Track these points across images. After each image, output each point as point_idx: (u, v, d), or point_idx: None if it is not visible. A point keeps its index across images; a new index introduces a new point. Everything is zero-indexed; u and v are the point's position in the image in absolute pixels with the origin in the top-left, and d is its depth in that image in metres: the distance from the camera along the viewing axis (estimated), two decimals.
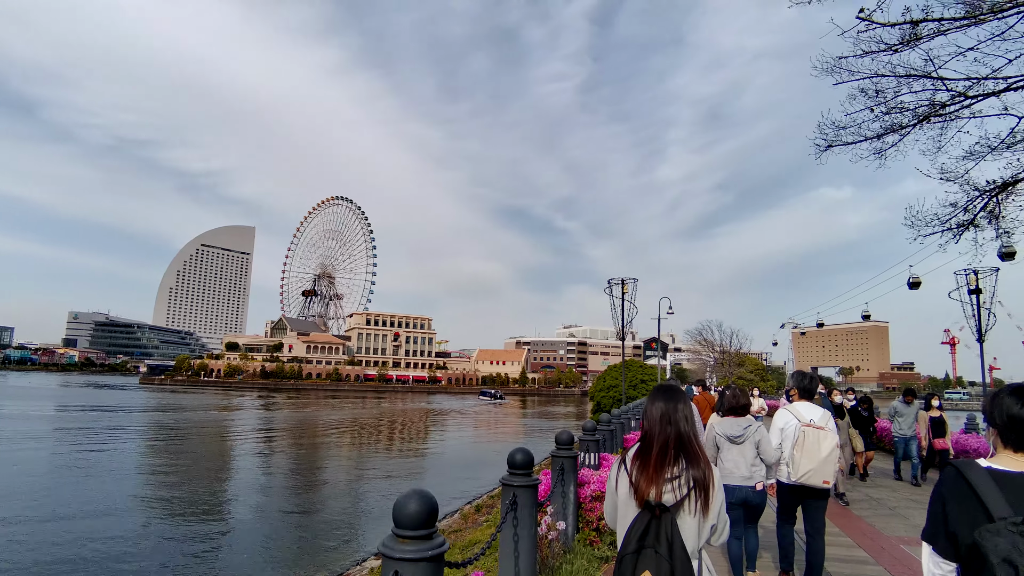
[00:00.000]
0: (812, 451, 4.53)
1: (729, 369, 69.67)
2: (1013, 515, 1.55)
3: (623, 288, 20.43)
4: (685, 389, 20.38)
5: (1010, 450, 1.80)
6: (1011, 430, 1.79)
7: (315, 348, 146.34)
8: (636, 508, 2.18)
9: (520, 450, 3.81)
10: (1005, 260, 16.06)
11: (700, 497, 2.15)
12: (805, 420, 4.69)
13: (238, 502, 17.31)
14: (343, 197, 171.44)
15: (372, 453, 30.02)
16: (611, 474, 2.37)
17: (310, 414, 56.51)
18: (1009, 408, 1.80)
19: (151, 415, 48.78)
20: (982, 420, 9.89)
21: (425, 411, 67.47)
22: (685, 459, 2.21)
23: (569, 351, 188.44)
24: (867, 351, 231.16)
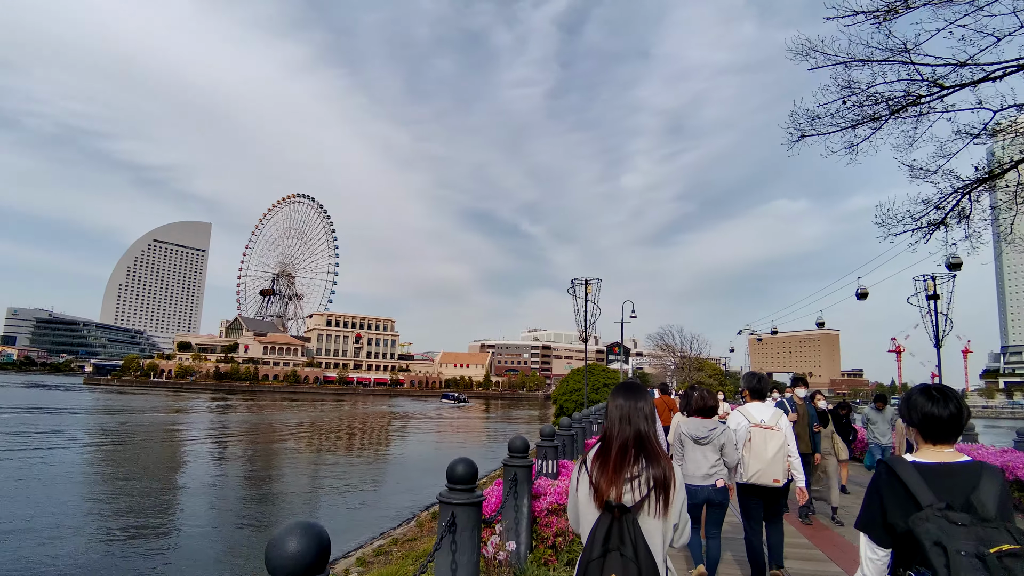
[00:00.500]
0: (760, 451, 4.59)
1: (689, 374, 70.66)
2: (937, 502, 1.76)
3: (586, 289, 19.90)
4: None
5: (929, 444, 2.02)
6: (926, 426, 2.01)
7: (272, 349, 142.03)
8: (596, 510, 2.12)
9: (461, 461, 3.21)
10: (952, 270, 16.39)
11: (661, 497, 2.10)
12: (755, 420, 4.74)
13: (187, 513, 15.95)
14: (304, 195, 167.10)
15: (330, 458, 28.82)
16: (572, 475, 2.31)
17: (266, 417, 54.46)
18: (922, 407, 2.02)
19: (93, 417, 45.97)
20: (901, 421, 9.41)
21: (386, 414, 65.98)
22: (645, 458, 2.16)
23: (533, 354, 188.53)
24: (819, 358, 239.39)
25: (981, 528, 1.68)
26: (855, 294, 34.13)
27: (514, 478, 4.72)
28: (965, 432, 11.72)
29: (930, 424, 2.00)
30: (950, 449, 1.99)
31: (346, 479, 22.07)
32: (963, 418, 2.00)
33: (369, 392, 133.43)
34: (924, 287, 15.74)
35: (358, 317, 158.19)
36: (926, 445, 2.03)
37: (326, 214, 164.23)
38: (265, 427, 43.37)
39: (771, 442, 4.59)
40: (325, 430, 44.02)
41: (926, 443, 2.03)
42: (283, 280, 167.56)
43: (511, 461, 4.78)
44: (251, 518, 15.86)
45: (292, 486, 21.25)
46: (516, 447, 4.77)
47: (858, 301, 34.24)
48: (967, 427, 12.01)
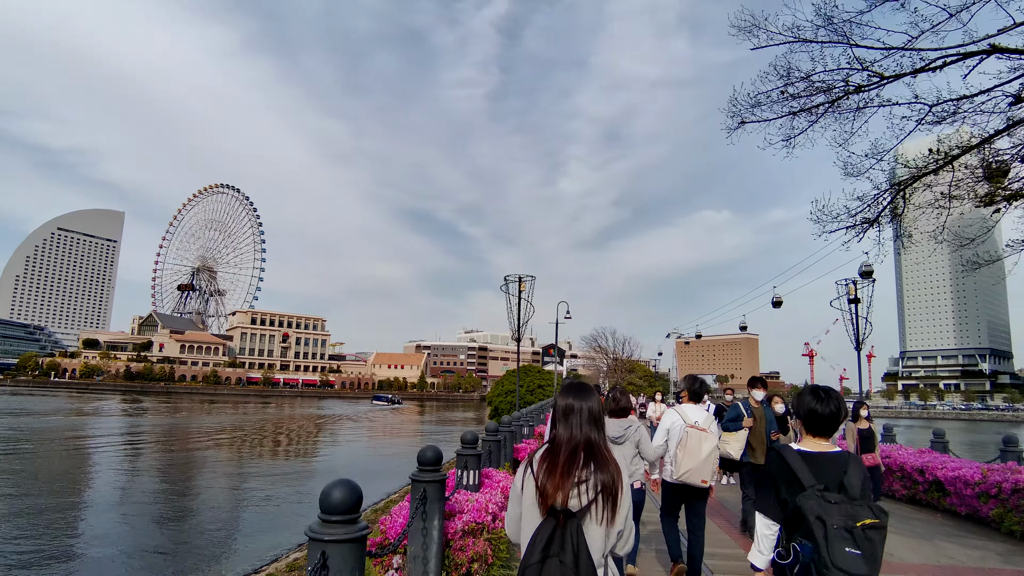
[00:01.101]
0: (694, 451, 4.68)
1: (621, 375, 72.15)
2: (817, 484, 2.20)
3: (520, 286, 19.24)
4: None
5: (811, 436, 2.44)
6: (810, 421, 2.44)
7: (191, 348, 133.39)
8: (541, 515, 2.02)
9: (340, 484, 2.45)
10: (864, 278, 17.08)
11: (608, 503, 2.02)
12: (690, 421, 4.84)
13: (89, 536, 14.04)
14: (228, 185, 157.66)
15: (248, 465, 26.86)
16: (516, 478, 2.18)
17: (180, 421, 50.69)
18: (809, 404, 2.44)
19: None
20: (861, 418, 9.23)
21: (314, 417, 63.12)
22: (594, 462, 2.08)
23: (470, 356, 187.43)
24: (740, 360, 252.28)
25: (850, 506, 2.10)
26: (771, 302, 35.79)
27: (423, 496, 3.98)
28: (885, 433, 11.91)
29: (813, 419, 2.44)
30: (827, 441, 2.43)
31: (265, 491, 20.49)
32: (840, 416, 2.43)
33: (297, 394, 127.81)
34: (845, 291, 16.28)
35: (286, 315, 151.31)
36: (808, 436, 2.47)
37: (252, 206, 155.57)
38: (179, 432, 40.20)
39: (705, 443, 4.71)
40: (243, 435, 41.30)
41: (808, 435, 2.47)
42: (204, 275, 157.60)
43: (420, 476, 4.04)
44: (161, 538, 14.17)
45: (204, 494, 19.51)
46: (426, 459, 4.03)
47: (774, 308, 35.92)
48: (888, 429, 12.30)
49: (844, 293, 16.35)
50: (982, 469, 8.25)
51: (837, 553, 2.01)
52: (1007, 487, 7.59)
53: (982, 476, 8.08)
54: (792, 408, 2.83)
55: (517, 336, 19.22)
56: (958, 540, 7.31)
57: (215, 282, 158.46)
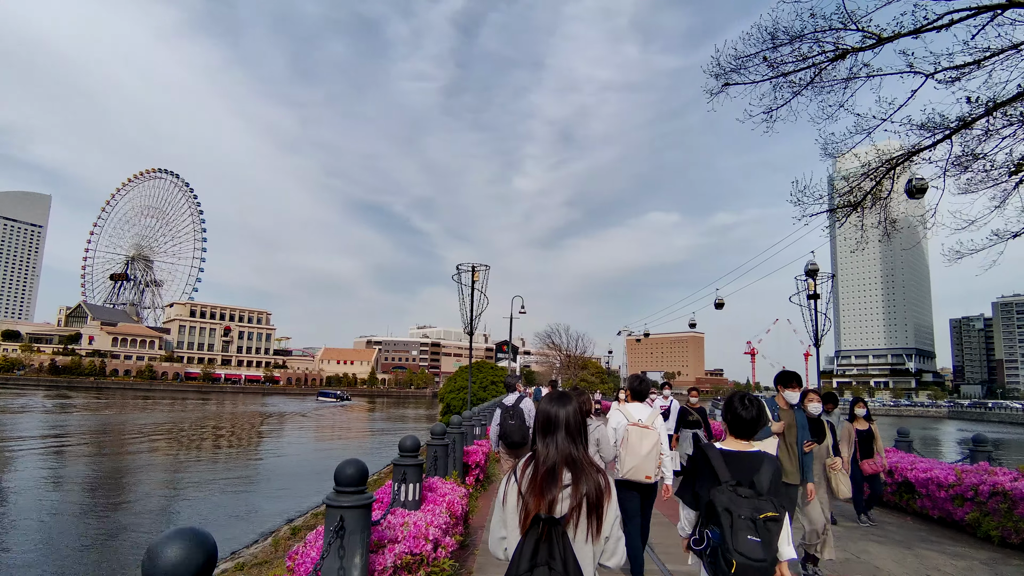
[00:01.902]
0: (635, 448, 4.70)
1: (574, 372, 72.26)
2: (731, 479, 2.49)
3: (473, 275, 18.08)
4: (533, 391, 18.95)
5: (733, 437, 2.74)
6: (734, 423, 2.74)
7: (124, 341, 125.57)
8: (525, 525, 1.99)
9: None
10: (810, 276, 17.01)
11: (593, 511, 2.00)
12: (633, 419, 4.86)
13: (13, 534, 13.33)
14: (166, 170, 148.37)
15: (185, 468, 24.84)
16: (501, 487, 2.16)
17: (111, 418, 47.22)
18: (735, 409, 2.75)
19: None
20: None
21: (256, 415, 60.15)
22: (577, 469, 2.07)
23: (422, 352, 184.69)
24: (687, 358, 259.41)
25: (757, 500, 2.42)
26: (713, 304, 36.31)
27: (339, 526, 3.00)
28: (901, 437, 11.10)
29: (737, 423, 2.74)
30: (746, 442, 2.73)
31: (196, 497, 18.79)
32: (760, 421, 2.74)
33: (239, 390, 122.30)
34: (804, 287, 16.12)
35: (228, 308, 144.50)
36: (731, 437, 2.75)
37: (192, 193, 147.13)
38: (110, 431, 37.16)
39: (646, 440, 4.72)
40: (179, 435, 38.65)
41: (731, 436, 2.76)
42: (139, 264, 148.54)
43: (336, 500, 3.04)
44: (83, 550, 12.70)
45: (132, 495, 17.81)
46: (345, 477, 3.03)
47: (716, 310, 36.45)
48: (905, 433, 11.74)
49: (803, 289, 16.19)
50: (956, 470, 7.88)
51: (740, 540, 2.35)
52: (984, 490, 7.19)
53: (956, 478, 7.69)
54: (721, 412, 3.09)
55: (470, 329, 18.06)
56: (938, 547, 6.85)
57: (151, 272, 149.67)
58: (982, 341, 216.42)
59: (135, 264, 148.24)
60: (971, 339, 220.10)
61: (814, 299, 15.81)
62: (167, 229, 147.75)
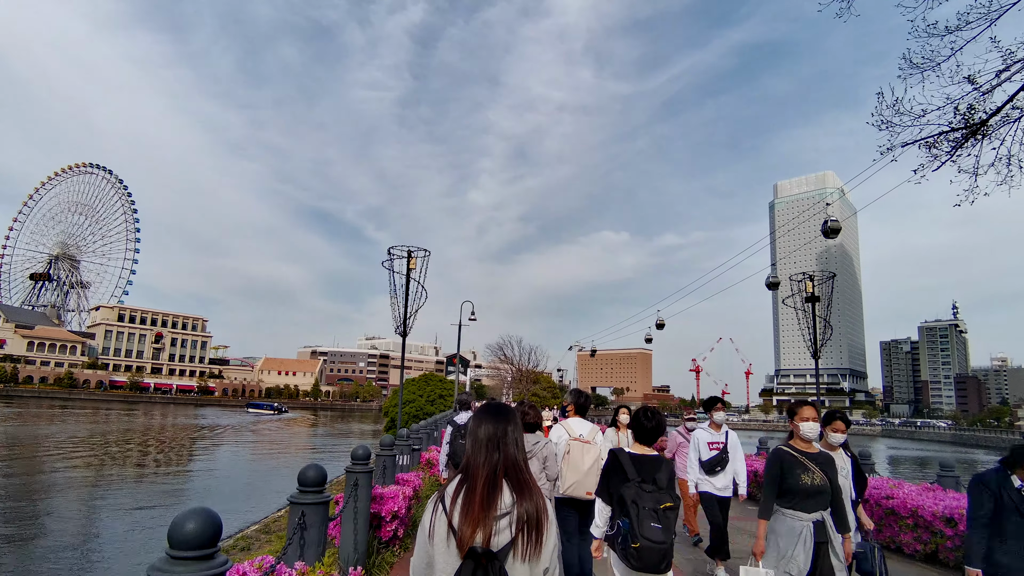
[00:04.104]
0: (576, 464, 4.70)
1: (526, 386, 71.45)
2: (637, 476, 3.11)
3: (409, 261, 15.17)
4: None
5: (638, 443, 3.44)
6: (639, 432, 3.45)
7: (41, 346, 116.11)
8: (458, 558, 1.71)
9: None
10: (828, 236, 15.69)
11: (533, 537, 1.74)
12: (575, 434, 4.85)
13: None
14: (98, 165, 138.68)
15: (104, 487, 22.67)
16: (424, 520, 1.82)
17: (20, 429, 43.00)
18: (641, 420, 3.46)
19: None
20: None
21: (186, 428, 56.23)
22: (516, 491, 1.80)
23: (370, 364, 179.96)
24: (635, 374, 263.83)
25: (658, 493, 3.02)
26: (654, 324, 36.42)
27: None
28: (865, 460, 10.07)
29: (641, 432, 3.43)
30: (649, 447, 3.41)
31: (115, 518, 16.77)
32: (659, 431, 3.42)
33: (169, 400, 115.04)
34: (800, 287, 15.40)
35: (160, 313, 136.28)
36: (636, 444, 3.45)
37: (126, 190, 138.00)
38: (18, 445, 33.57)
39: (587, 455, 4.72)
40: (97, 450, 35.42)
41: (636, 442, 3.45)
42: (64, 263, 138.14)
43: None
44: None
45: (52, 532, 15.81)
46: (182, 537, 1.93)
47: (657, 330, 36.58)
48: (867, 455, 10.80)
49: (798, 291, 15.43)
50: None
51: (645, 527, 2.90)
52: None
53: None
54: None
55: (403, 329, 15.41)
56: None
57: (77, 272, 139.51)
58: (909, 363, 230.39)
59: (59, 263, 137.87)
60: (899, 361, 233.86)
61: (812, 302, 15.09)
62: (96, 228, 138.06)
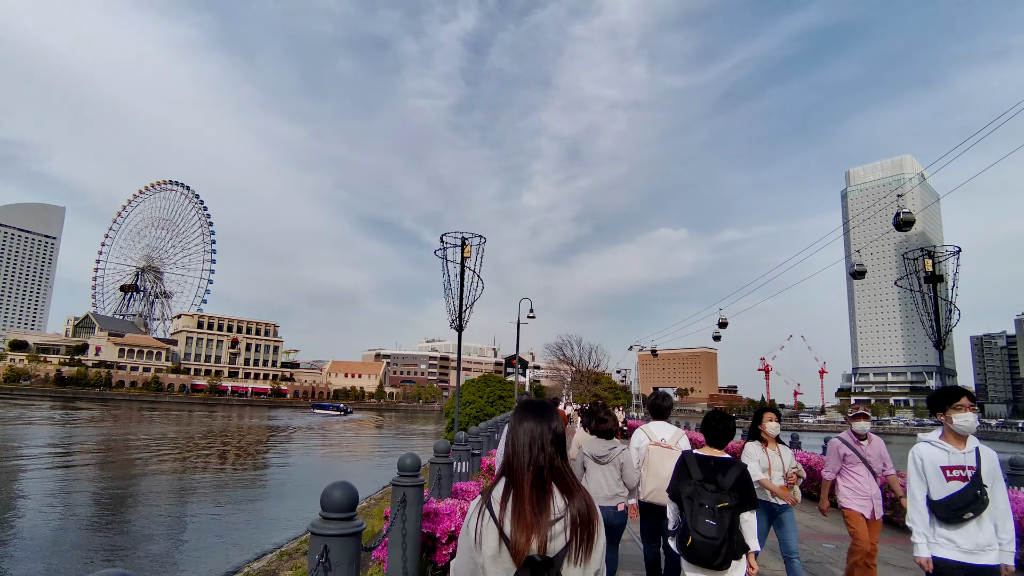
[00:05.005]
0: (656, 469, 4.60)
1: (586, 387, 70.01)
2: (700, 476, 3.24)
3: (463, 250, 14.01)
4: None
5: (707, 445, 3.57)
6: (708, 434, 3.58)
7: (131, 352, 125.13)
8: (512, 568, 1.59)
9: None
10: (901, 229, 14.75)
11: (585, 539, 1.63)
12: (656, 439, 4.75)
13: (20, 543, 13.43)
14: (177, 182, 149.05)
15: (193, 482, 23.82)
16: (469, 525, 1.69)
17: (117, 430, 46.40)
18: (711, 424, 3.59)
19: None
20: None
21: (262, 429, 58.74)
22: (563, 492, 1.68)
23: (431, 366, 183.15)
24: (699, 374, 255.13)
25: (718, 493, 3.12)
26: (717, 323, 34.43)
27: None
28: None
29: (710, 434, 3.56)
30: (719, 449, 3.52)
31: (203, 511, 17.47)
32: (728, 434, 3.54)
33: (245, 403, 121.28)
34: (919, 266, 13.73)
35: (236, 320, 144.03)
36: (706, 446, 3.57)
37: (202, 205, 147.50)
38: (116, 444, 36.24)
39: (668, 460, 4.55)
40: (186, 448, 37.47)
41: (707, 445, 3.58)
42: (149, 275, 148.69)
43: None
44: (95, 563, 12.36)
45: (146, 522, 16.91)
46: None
47: (720, 329, 34.54)
48: None
49: (917, 269, 13.59)
50: None
51: (699, 522, 3.05)
52: None
53: None
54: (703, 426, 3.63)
55: (459, 323, 14.42)
56: None
57: (161, 283, 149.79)
58: (1005, 359, 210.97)
59: (145, 275, 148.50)
60: (993, 357, 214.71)
61: (934, 282, 13.28)
62: (177, 241, 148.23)
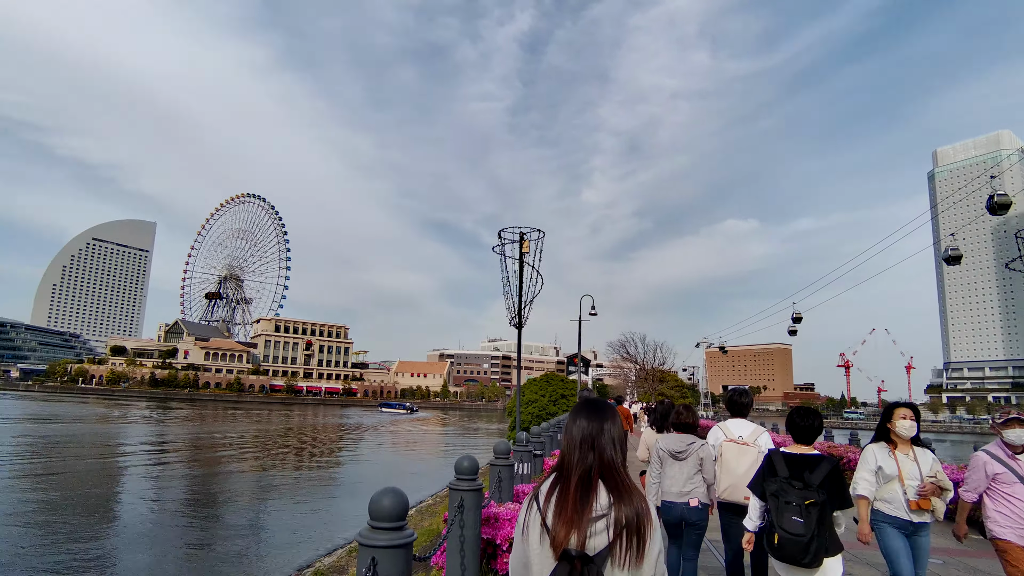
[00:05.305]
0: (731, 466, 4.51)
1: (652, 385, 68.48)
2: (787, 474, 3.26)
3: (522, 244, 13.49)
4: None
5: (794, 443, 3.55)
6: (794, 431, 3.58)
7: (215, 355, 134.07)
8: (552, 560, 1.62)
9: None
10: (996, 213, 14.59)
11: (633, 542, 1.61)
12: (733, 436, 4.65)
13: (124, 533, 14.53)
14: (254, 194, 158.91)
15: (274, 477, 25.25)
16: (521, 515, 1.77)
17: (205, 428, 49.84)
18: (796, 420, 3.58)
19: None
20: None
21: (336, 427, 61.45)
22: (613, 493, 1.67)
23: (493, 365, 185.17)
24: (773, 371, 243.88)
25: (805, 490, 3.11)
26: (791, 318, 32.35)
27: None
28: None
29: (796, 431, 3.55)
30: (807, 446, 3.49)
31: (283, 505, 18.69)
32: (815, 430, 3.51)
33: (319, 402, 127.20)
34: None
35: (309, 323, 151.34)
36: (793, 443, 3.56)
37: (277, 215, 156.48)
38: (204, 441, 38.93)
39: (743, 457, 4.47)
40: (268, 445, 39.85)
41: (794, 442, 3.56)
42: (231, 283, 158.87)
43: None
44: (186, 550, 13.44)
45: (232, 502, 18.85)
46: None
47: (793, 323, 32.54)
48: None
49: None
50: None
51: (785, 519, 3.06)
52: None
53: None
54: (787, 424, 3.59)
55: (518, 320, 13.87)
56: None
57: (241, 290, 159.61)
58: None
59: (227, 283, 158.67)
60: None
61: None
62: (255, 250, 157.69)
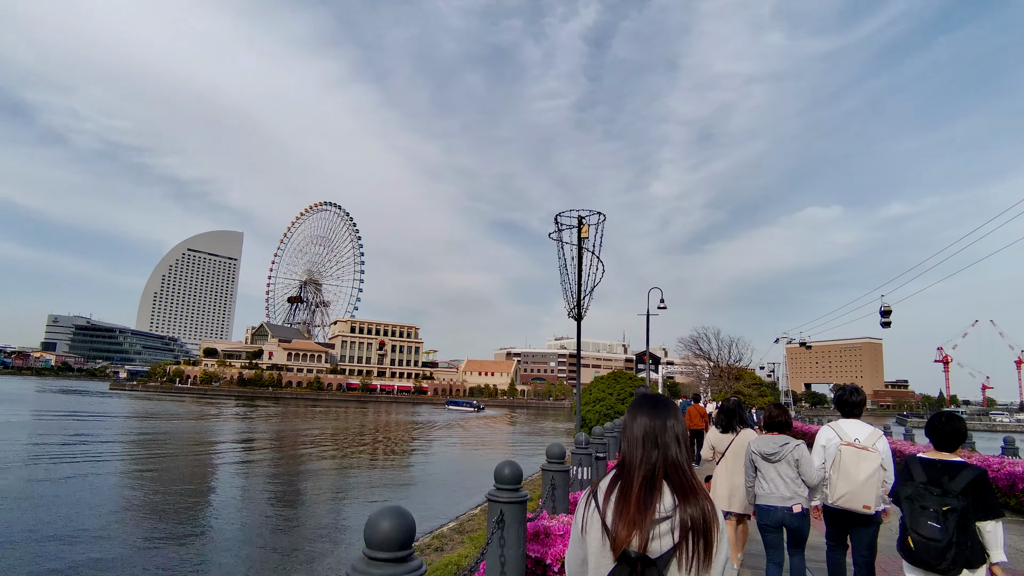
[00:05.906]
0: (849, 472, 4.21)
1: (727, 383, 65.64)
2: (924, 479, 3.18)
3: (580, 230, 12.62)
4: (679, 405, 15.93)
5: (933, 449, 3.43)
6: (934, 437, 3.43)
7: (296, 356, 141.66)
8: (611, 561, 1.57)
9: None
10: None
11: (699, 546, 1.55)
12: (849, 438, 4.34)
13: (216, 517, 16.36)
14: (331, 203, 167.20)
15: (353, 471, 26.62)
16: (577, 514, 1.70)
17: (289, 425, 53.00)
18: (936, 427, 3.42)
19: (113, 422, 44.97)
20: None
21: (408, 424, 63.40)
22: (677, 493, 1.60)
23: (560, 363, 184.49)
24: (861, 368, 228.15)
25: (943, 497, 3.03)
26: (879, 311, 29.68)
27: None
28: None
29: (937, 437, 3.40)
30: (947, 452, 3.35)
31: (362, 497, 19.65)
32: (958, 436, 3.35)
33: (392, 400, 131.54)
34: None
35: (382, 324, 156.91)
36: (931, 449, 3.45)
37: (352, 221, 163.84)
38: (289, 438, 41.47)
39: (864, 463, 4.17)
40: (346, 441, 41.93)
41: (933, 448, 3.44)
42: (310, 287, 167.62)
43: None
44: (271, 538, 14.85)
45: (312, 494, 20.50)
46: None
47: (882, 318, 29.81)
48: None
49: None
50: None
51: (919, 523, 3.02)
52: None
53: None
54: (926, 428, 3.51)
55: (577, 311, 12.99)
56: None
57: (320, 294, 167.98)
58: None
59: (307, 288, 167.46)
60: None
61: None
62: (332, 255, 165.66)
